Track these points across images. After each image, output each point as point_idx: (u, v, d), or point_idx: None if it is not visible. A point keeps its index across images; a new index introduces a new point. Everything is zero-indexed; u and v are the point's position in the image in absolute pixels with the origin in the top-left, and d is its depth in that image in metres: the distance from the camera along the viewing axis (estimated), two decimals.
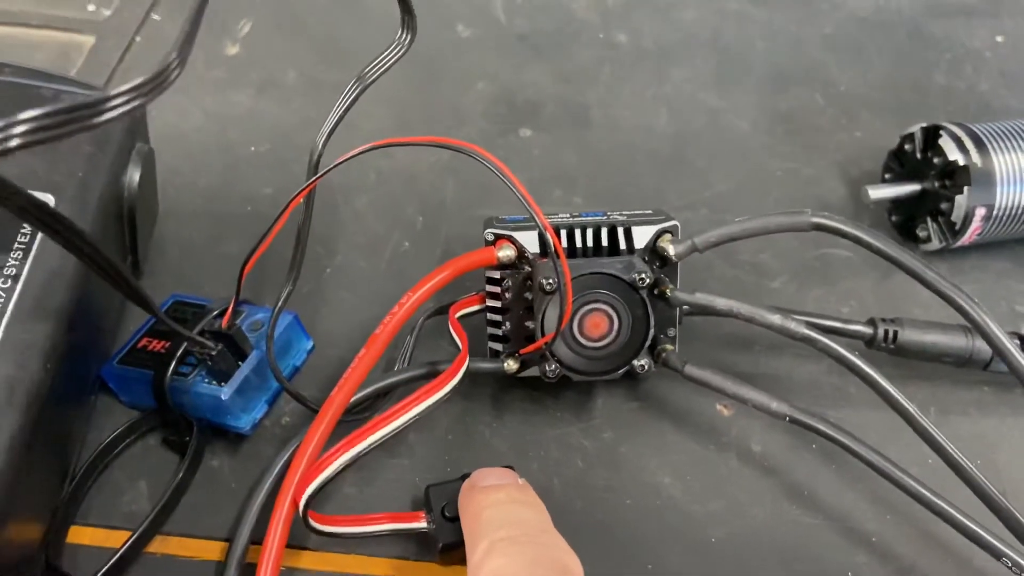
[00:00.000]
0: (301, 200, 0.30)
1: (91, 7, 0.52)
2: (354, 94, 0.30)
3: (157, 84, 0.20)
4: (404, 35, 0.30)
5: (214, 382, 0.31)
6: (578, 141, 0.47)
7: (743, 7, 0.56)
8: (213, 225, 0.41)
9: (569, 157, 0.46)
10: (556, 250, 0.28)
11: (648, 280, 0.31)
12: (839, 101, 0.50)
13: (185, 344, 0.31)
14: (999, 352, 0.28)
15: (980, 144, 0.39)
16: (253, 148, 0.45)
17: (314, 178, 0.30)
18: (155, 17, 0.52)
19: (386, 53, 0.31)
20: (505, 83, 0.50)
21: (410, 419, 0.28)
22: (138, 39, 0.50)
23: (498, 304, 0.33)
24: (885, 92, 0.50)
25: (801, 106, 0.50)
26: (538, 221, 0.28)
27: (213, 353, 0.30)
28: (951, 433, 0.35)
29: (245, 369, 0.31)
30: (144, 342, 0.33)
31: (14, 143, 0.17)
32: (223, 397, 0.30)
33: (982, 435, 0.36)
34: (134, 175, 0.33)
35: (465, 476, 0.30)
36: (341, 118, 0.30)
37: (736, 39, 0.53)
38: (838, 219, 0.30)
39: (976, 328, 0.28)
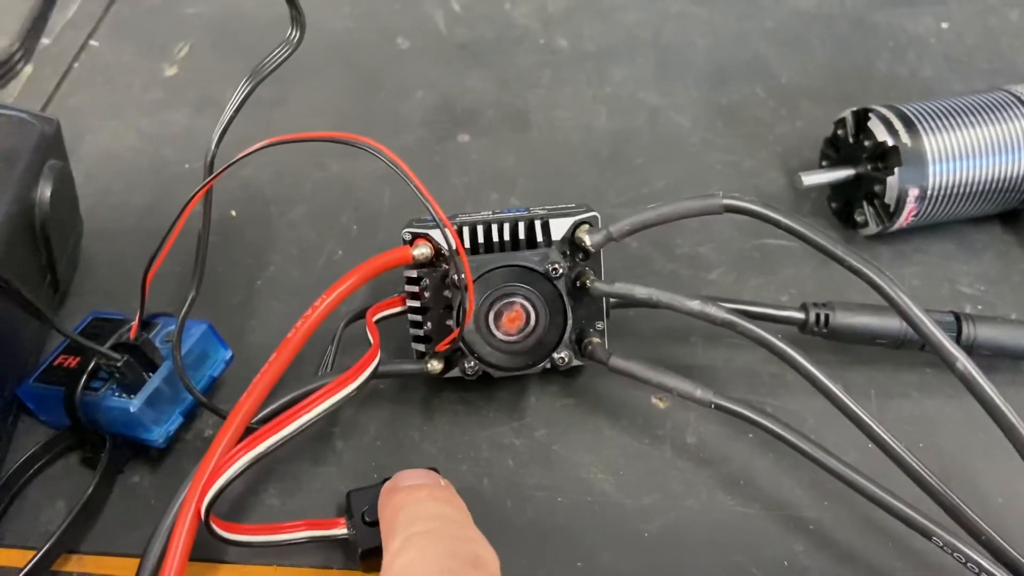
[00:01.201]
0: (198, 204, 0.30)
1: None
2: (247, 91, 0.30)
3: None
4: (293, 33, 0.30)
5: (124, 395, 0.30)
6: (517, 144, 0.47)
7: (685, 7, 0.56)
8: (144, 243, 0.40)
9: (507, 160, 0.46)
10: (455, 243, 0.27)
11: (561, 270, 0.30)
12: (780, 93, 0.50)
13: (95, 359, 0.30)
14: (912, 324, 0.27)
15: (910, 124, 0.38)
16: (187, 166, 0.45)
17: (208, 179, 0.30)
18: (94, 43, 0.52)
19: (277, 50, 0.30)
20: (444, 91, 0.50)
21: (317, 415, 0.28)
22: (76, 65, 0.50)
23: (418, 304, 0.33)
24: (826, 82, 0.50)
25: (742, 100, 0.49)
26: (432, 212, 0.27)
27: (119, 364, 0.29)
28: (893, 416, 0.35)
29: (155, 381, 0.30)
30: (60, 360, 0.33)
31: None
32: (132, 409, 0.30)
33: (924, 417, 0.35)
34: (45, 191, 0.33)
35: (387, 480, 0.30)
36: (234, 116, 0.30)
37: (677, 38, 0.53)
38: (748, 199, 0.30)
39: (889, 303, 0.28)
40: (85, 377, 0.30)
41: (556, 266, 0.30)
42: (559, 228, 0.32)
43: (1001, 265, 0.41)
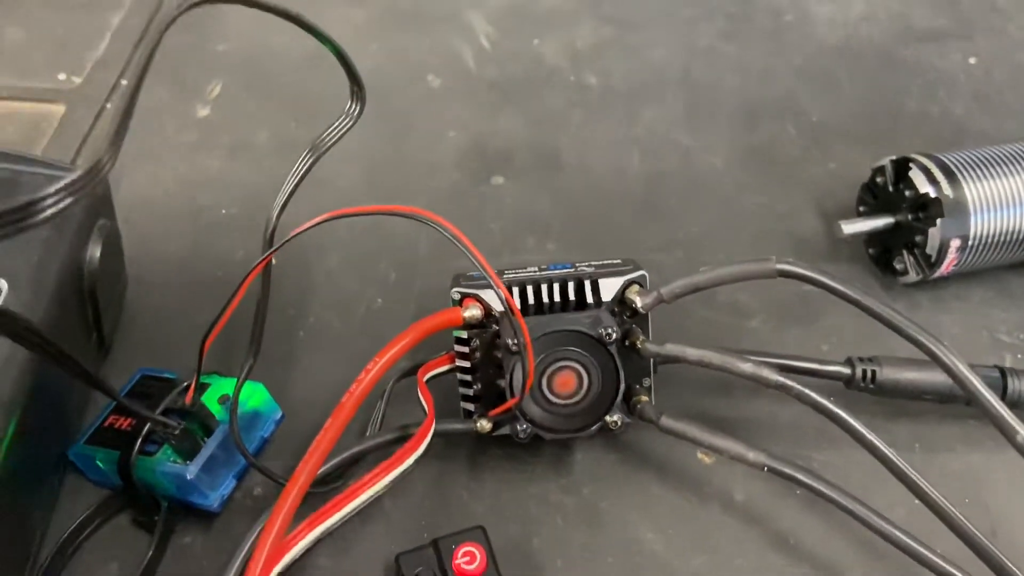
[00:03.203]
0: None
1: (61, 76, 0.52)
2: (307, 164, 0.30)
3: (88, 181, 0.20)
4: (354, 107, 0.30)
5: (179, 460, 0.30)
6: (550, 187, 0.47)
7: (713, 43, 0.56)
8: (184, 293, 0.41)
9: (542, 203, 0.46)
10: (512, 310, 0.27)
11: (615, 335, 0.30)
12: (811, 132, 0.50)
13: (150, 424, 0.30)
14: (969, 394, 0.27)
15: (950, 175, 0.38)
16: (224, 211, 0.45)
17: (268, 253, 0.30)
18: (124, 83, 0.52)
19: (337, 123, 0.31)
20: (476, 132, 0.50)
21: (376, 492, 0.28)
22: (108, 106, 0.51)
23: (467, 364, 0.33)
24: (857, 121, 0.50)
25: (773, 139, 0.49)
26: (491, 282, 0.27)
27: (176, 432, 0.29)
28: (938, 470, 0.35)
29: (211, 446, 0.31)
30: (111, 420, 0.33)
31: None
32: (188, 476, 0.30)
33: (969, 471, 0.35)
34: (95, 253, 0.33)
35: (435, 542, 0.30)
36: (295, 189, 0.30)
37: (706, 75, 0.54)
38: (802, 265, 0.30)
39: (946, 372, 0.28)
40: (140, 442, 0.30)
41: (610, 331, 0.30)
42: (609, 288, 0.32)
43: None
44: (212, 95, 0.52)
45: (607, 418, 0.31)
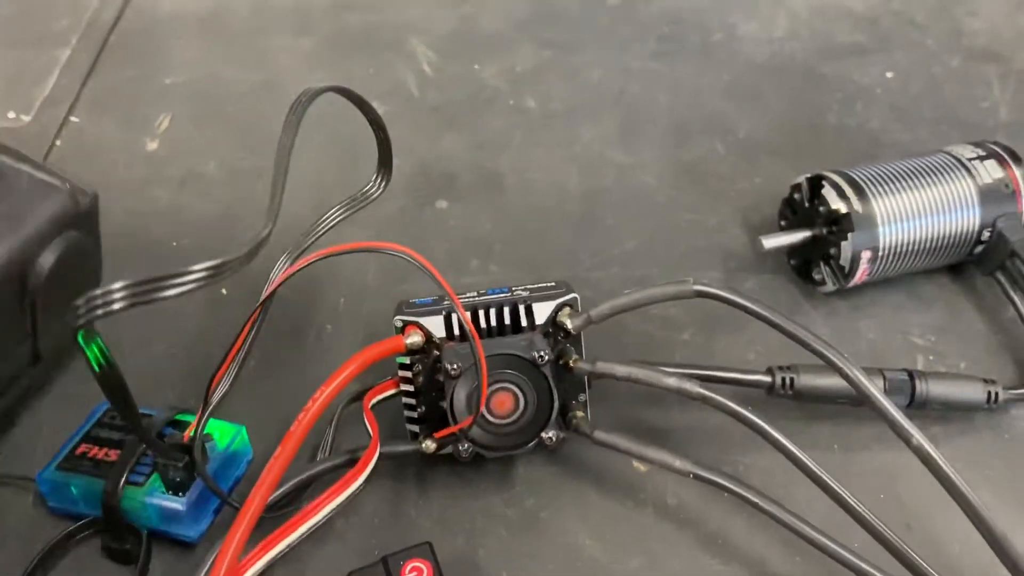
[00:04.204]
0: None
1: (11, 115, 0.53)
2: (334, 222, 0.33)
3: (245, 262, 0.24)
4: (380, 180, 0.33)
5: (169, 493, 0.32)
6: (493, 208, 0.49)
7: (646, 64, 0.58)
8: (139, 325, 0.42)
9: (484, 225, 0.48)
10: (473, 337, 0.30)
11: (547, 357, 0.32)
12: (739, 148, 0.52)
13: (139, 453, 0.32)
14: (866, 400, 0.30)
15: (860, 191, 0.41)
16: (175, 243, 0.47)
17: (261, 300, 0.31)
18: (74, 119, 0.53)
19: (367, 188, 0.36)
20: (421, 156, 0.52)
21: (326, 515, 0.30)
22: (58, 143, 0.52)
23: (411, 388, 0.35)
24: (781, 136, 0.53)
25: (703, 156, 0.52)
26: (461, 317, 0.30)
27: (179, 465, 0.31)
28: (855, 468, 0.38)
29: (201, 481, 0.32)
30: (83, 448, 0.34)
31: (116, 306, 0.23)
32: (181, 508, 0.32)
33: (884, 468, 0.38)
34: (47, 262, 0.34)
35: (384, 559, 0.31)
36: (317, 239, 0.32)
37: (640, 95, 0.56)
38: (716, 286, 0.32)
39: (846, 380, 0.30)
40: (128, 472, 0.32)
41: (542, 354, 0.32)
42: (542, 312, 0.34)
43: (949, 315, 0.44)
44: (161, 128, 0.53)
45: (543, 435, 0.33)
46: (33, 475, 0.35)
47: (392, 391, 0.35)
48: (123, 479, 0.32)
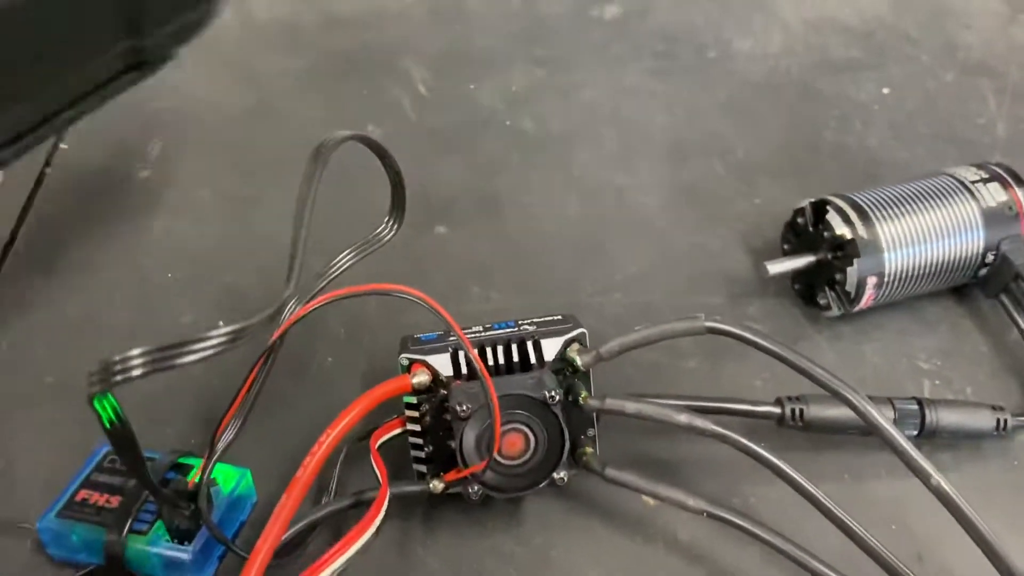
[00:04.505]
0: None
1: None
2: (348, 263, 0.32)
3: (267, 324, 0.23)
4: (393, 223, 0.35)
5: (175, 541, 0.31)
6: (492, 234, 0.49)
7: (641, 81, 0.58)
8: None
9: (484, 251, 0.48)
10: (491, 395, 0.29)
11: (558, 397, 0.32)
12: (737, 169, 0.52)
13: (142, 500, 0.31)
14: (890, 444, 0.30)
15: (864, 215, 0.41)
16: (170, 275, 0.46)
17: (272, 339, 0.31)
18: (64, 147, 0.52)
19: (380, 230, 0.36)
20: (418, 180, 0.51)
21: (341, 566, 0.29)
22: (48, 170, 0.51)
23: (418, 428, 0.34)
24: (779, 155, 0.53)
25: (702, 176, 0.52)
26: (472, 358, 0.29)
27: (186, 514, 0.30)
28: (865, 498, 0.37)
29: (206, 529, 0.31)
30: (83, 495, 0.33)
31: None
32: (187, 558, 0.31)
33: (895, 497, 0.37)
34: None
35: None
36: (326, 286, 0.32)
37: (636, 114, 0.56)
38: (728, 322, 0.32)
39: (868, 423, 0.30)
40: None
41: (553, 394, 0.32)
42: (550, 348, 0.34)
43: (954, 337, 0.43)
44: (153, 155, 0.52)
45: (554, 475, 0.33)
46: (31, 521, 0.34)
47: (398, 430, 0.35)
48: (127, 527, 0.31)
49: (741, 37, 0.61)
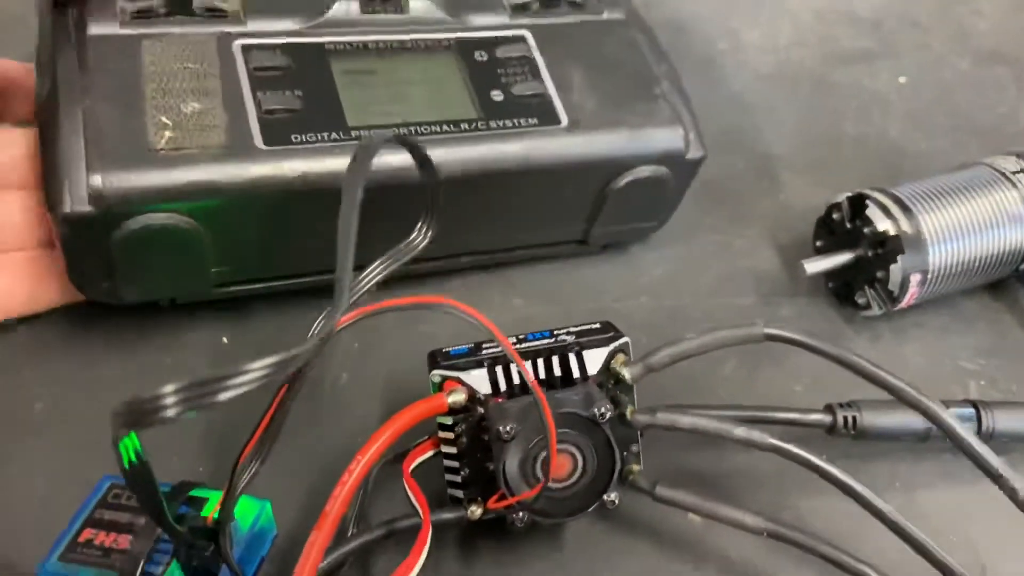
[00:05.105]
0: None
1: None
2: (378, 275, 0.30)
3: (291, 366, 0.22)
4: (426, 230, 0.31)
5: None
6: None
7: None
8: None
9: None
10: (539, 397, 0.27)
11: (609, 414, 0.29)
12: (757, 163, 0.50)
13: (155, 540, 0.28)
14: (962, 449, 0.28)
15: (906, 209, 0.39)
16: None
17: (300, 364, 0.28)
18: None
19: (412, 239, 0.31)
20: None
21: None
22: None
23: (453, 450, 0.31)
24: (801, 148, 0.51)
25: (722, 173, 0.49)
26: (529, 383, 0.27)
27: (206, 554, 0.27)
28: (920, 508, 0.35)
29: (226, 569, 0.29)
30: (88, 534, 0.30)
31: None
32: None
33: (955, 506, 0.36)
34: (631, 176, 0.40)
35: None
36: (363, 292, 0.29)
37: None
38: (789, 329, 0.30)
39: (932, 421, 0.28)
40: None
41: (603, 411, 0.29)
42: (594, 360, 0.31)
43: (995, 334, 0.42)
44: None
45: (604, 497, 0.30)
46: (30, 566, 0.31)
47: (431, 452, 0.32)
48: (139, 570, 0.28)
49: (749, 28, 0.59)
